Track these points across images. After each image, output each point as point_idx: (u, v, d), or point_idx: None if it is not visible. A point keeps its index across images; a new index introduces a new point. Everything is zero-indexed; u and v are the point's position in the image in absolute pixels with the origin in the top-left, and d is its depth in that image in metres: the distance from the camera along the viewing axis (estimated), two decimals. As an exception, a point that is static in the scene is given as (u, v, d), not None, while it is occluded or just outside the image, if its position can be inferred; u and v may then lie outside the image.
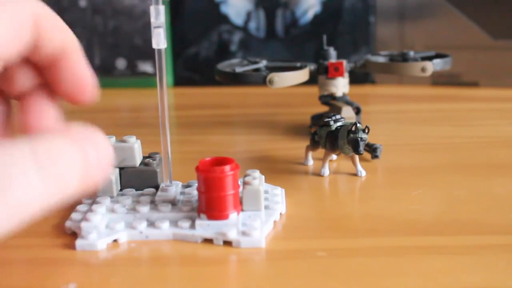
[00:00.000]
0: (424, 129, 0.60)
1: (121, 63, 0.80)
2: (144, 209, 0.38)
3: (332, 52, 0.58)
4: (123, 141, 0.41)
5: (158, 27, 0.38)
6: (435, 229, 0.37)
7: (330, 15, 0.78)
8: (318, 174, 0.47)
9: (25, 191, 0.26)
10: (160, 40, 0.38)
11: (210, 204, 0.36)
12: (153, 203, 0.39)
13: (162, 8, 0.37)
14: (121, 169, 0.42)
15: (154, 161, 0.42)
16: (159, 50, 0.38)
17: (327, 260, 0.34)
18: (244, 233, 0.36)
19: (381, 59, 0.59)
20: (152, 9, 0.37)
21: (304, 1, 0.78)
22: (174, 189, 0.40)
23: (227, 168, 0.36)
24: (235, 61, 0.60)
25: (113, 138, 0.41)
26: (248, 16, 0.79)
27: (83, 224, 0.37)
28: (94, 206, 0.39)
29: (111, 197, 0.40)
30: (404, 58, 0.57)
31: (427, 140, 0.56)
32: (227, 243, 0.36)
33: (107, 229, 0.37)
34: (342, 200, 0.44)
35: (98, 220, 0.37)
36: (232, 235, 0.36)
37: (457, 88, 0.76)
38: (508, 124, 0.61)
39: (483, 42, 0.75)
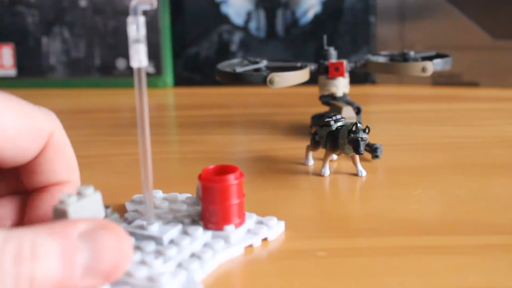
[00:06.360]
0: (424, 129, 0.60)
1: (121, 63, 0.80)
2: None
3: (333, 52, 0.58)
4: (80, 194, 0.31)
5: (139, 41, 0.32)
6: (435, 229, 0.37)
7: (330, 15, 0.78)
8: (319, 174, 0.47)
9: None
10: (141, 57, 0.32)
11: (233, 212, 0.36)
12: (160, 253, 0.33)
13: (142, 20, 0.31)
14: None
15: (114, 214, 0.35)
16: (139, 70, 0.32)
17: (327, 260, 0.34)
18: (265, 224, 0.37)
19: (381, 59, 0.59)
20: (130, 20, 0.31)
21: (304, 1, 0.78)
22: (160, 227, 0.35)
23: (235, 174, 0.36)
24: (235, 61, 0.60)
25: (74, 197, 0.31)
26: (249, 16, 0.79)
27: None
28: None
29: None
30: (405, 58, 0.57)
31: (427, 140, 0.56)
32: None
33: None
34: (342, 200, 0.44)
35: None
36: (266, 231, 0.36)
37: (457, 88, 0.76)
38: (508, 124, 0.61)
39: (483, 42, 0.75)
